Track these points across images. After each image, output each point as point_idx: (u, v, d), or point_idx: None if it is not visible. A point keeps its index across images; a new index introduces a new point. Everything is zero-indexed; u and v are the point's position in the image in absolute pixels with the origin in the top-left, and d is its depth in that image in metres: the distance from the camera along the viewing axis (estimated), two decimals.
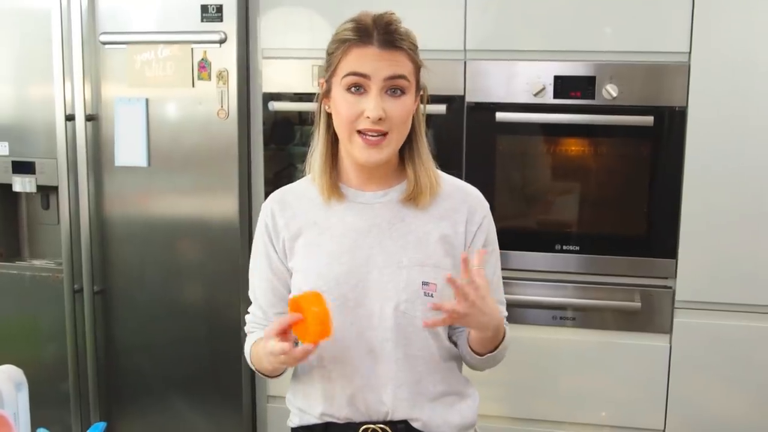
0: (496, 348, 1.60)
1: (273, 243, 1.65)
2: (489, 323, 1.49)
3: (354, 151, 1.54)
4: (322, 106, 1.60)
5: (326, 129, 1.60)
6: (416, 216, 1.61)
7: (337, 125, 1.55)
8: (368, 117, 1.48)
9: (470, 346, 1.62)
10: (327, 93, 1.57)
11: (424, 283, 1.57)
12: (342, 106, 1.52)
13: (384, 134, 1.51)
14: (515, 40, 2.52)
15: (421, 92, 1.60)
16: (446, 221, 1.62)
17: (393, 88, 1.50)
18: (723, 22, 2.38)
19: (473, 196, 1.67)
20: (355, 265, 1.58)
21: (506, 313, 1.70)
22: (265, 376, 1.68)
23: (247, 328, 1.74)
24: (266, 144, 2.74)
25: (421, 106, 1.63)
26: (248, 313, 1.73)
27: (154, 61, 2.67)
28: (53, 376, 2.93)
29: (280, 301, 1.66)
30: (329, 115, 1.58)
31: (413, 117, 1.59)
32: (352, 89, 1.50)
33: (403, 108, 1.51)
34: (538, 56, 2.51)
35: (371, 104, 1.48)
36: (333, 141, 1.61)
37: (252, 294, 1.71)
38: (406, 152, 1.62)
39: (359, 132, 1.51)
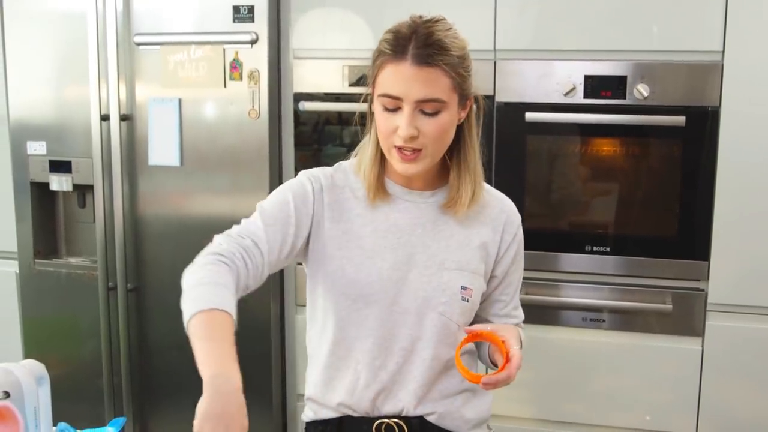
0: None
1: (315, 205, 1.60)
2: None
3: (393, 163, 1.55)
4: (371, 108, 1.59)
5: (376, 131, 1.59)
6: (459, 220, 1.62)
7: (378, 135, 1.56)
8: (401, 135, 1.48)
9: (491, 359, 1.65)
10: (373, 99, 1.56)
11: (463, 288, 1.59)
12: (379, 121, 1.53)
13: (419, 150, 1.50)
14: (545, 40, 2.51)
15: (469, 101, 1.57)
16: (486, 228, 1.63)
17: (426, 109, 1.48)
18: (757, 21, 2.35)
19: (510, 206, 1.69)
20: (397, 262, 1.58)
21: (522, 316, 1.74)
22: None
23: (228, 238, 1.53)
24: (297, 144, 2.75)
25: (474, 113, 1.60)
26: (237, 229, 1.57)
27: (187, 62, 2.70)
28: (90, 372, 2.97)
29: (277, 242, 1.55)
30: None
31: (463, 125, 1.58)
32: (388, 107, 1.50)
33: (437, 126, 1.49)
34: (568, 56, 2.50)
35: (403, 123, 1.47)
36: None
37: (249, 224, 1.56)
38: (453, 158, 1.61)
39: (396, 147, 1.51)
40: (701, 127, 2.42)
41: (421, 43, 1.46)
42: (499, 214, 1.66)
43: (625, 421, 2.60)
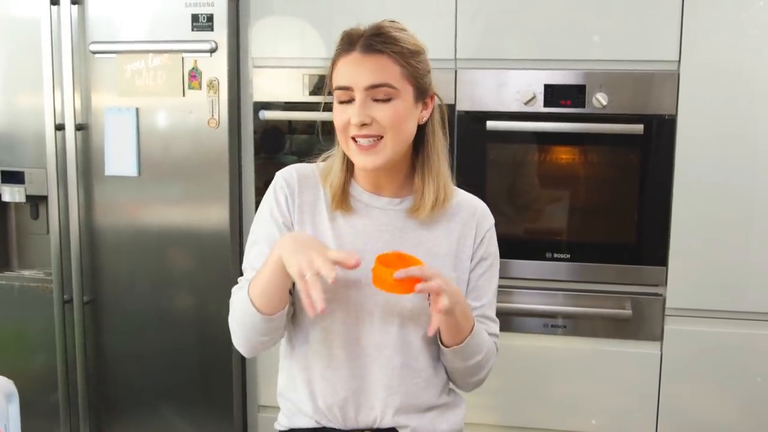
0: (463, 340, 1.56)
1: (290, 212, 1.62)
2: (455, 304, 1.48)
3: (352, 157, 1.55)
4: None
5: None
6: (428, 228, 1.61)
7: (337, 132, 1.56)
8: (352, 122, 1.50)
9: (440, 341, 1.59)
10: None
11: (430, 296, 1.57)
12: (334, 115, 1.54)
13: (378, 138, 1.51)
14: (505, 49, 2.53)
15: (429, 97, 1.58)
16: (455, 235, 1.63)
17: (378, 95, 1.50)
18: (712, 31, 2.39)
19: (480, 209, 1.68)
20: (365, 268, 1.55)
21: (493, 329, 1.68)
22: (259, 312, 1.50)
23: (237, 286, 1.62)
24: (257, 153, 2.73)
25: (437, 116, 1.61)
26: (237, 283, 1.63)
27: (145, 71, 2.66)
28: (43, 386, 2.91)
29: None
30: None
31: (426, 128, 1.59)
32: (341, 100, 1.52)
33: (393, 112, 1.50)
34: (528, 65, 2.52)
35: (354, 111, 1.49)
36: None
37: (253, 261, 1.60)
38: (417, 162, 1.61)
39: (353, 139, 1.52)
40: (658, 134, 2.46)
41: (369, 34, 1.51)
42: (470, 218, 1.65)
43: (585, 426, 2.62)
